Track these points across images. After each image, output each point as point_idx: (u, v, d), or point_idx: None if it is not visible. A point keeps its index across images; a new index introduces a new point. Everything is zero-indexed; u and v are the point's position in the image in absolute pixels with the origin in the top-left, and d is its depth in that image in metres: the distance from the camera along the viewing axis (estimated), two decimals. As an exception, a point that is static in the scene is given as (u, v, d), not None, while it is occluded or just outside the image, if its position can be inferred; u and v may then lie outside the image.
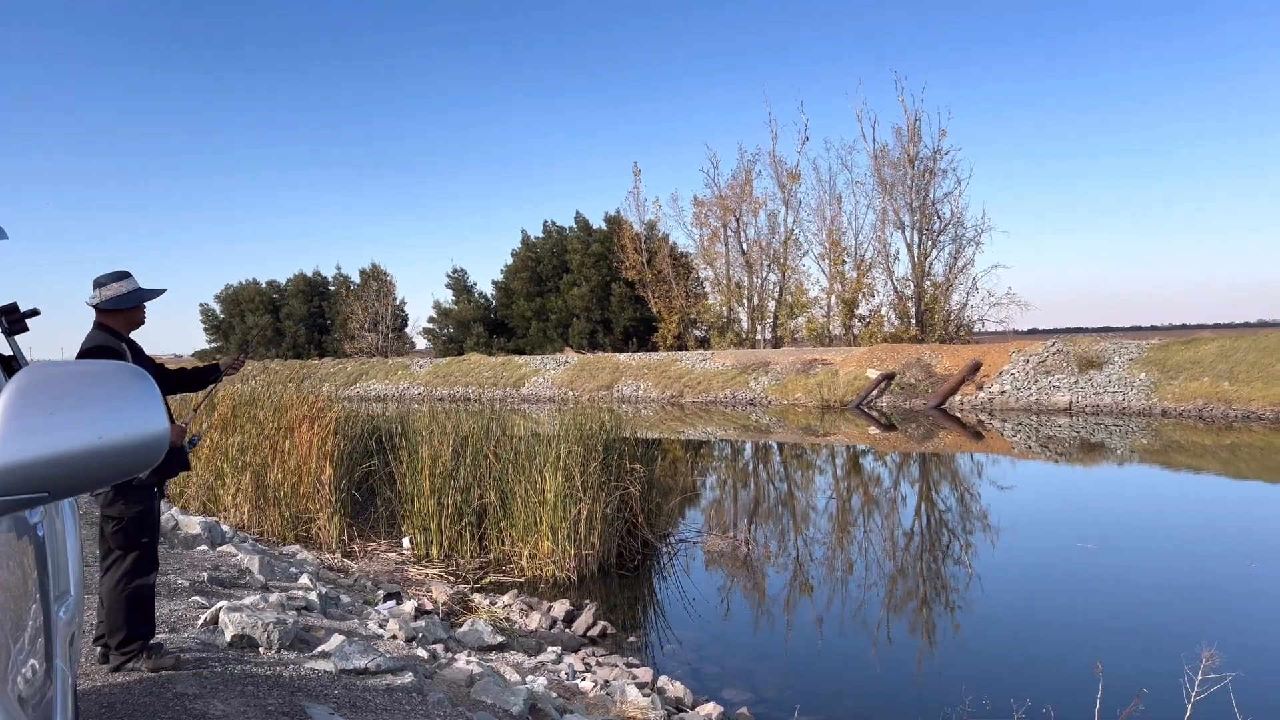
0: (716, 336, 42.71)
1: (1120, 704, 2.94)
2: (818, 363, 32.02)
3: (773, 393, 31.31)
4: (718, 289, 44.09)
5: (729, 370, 33.73)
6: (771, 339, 41.97)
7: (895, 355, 30.77)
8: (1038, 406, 25.68)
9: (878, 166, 39.27)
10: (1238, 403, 22.29)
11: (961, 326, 38.21)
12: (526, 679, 5.00)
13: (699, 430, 24.41)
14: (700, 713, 5.07)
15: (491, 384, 38.60)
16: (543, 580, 8.25)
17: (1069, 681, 5.37)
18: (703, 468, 17.39)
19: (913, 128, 38.23)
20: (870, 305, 40.00)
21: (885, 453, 19.25)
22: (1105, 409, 24.43)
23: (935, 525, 11.51)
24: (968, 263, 38.57)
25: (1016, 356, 27.94)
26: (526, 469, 8.50)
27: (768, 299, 42.67)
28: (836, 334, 40.22)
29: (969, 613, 7.47)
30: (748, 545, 9.77)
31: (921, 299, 38.12)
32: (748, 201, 42.41)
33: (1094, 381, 25.55)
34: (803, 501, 13.62)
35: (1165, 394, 23.82)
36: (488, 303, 52.11)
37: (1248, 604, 7.48)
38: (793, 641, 6.77)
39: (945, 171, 38.38)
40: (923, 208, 38.29)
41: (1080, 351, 26.77)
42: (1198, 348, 25.09)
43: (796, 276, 42.33)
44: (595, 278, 45.80)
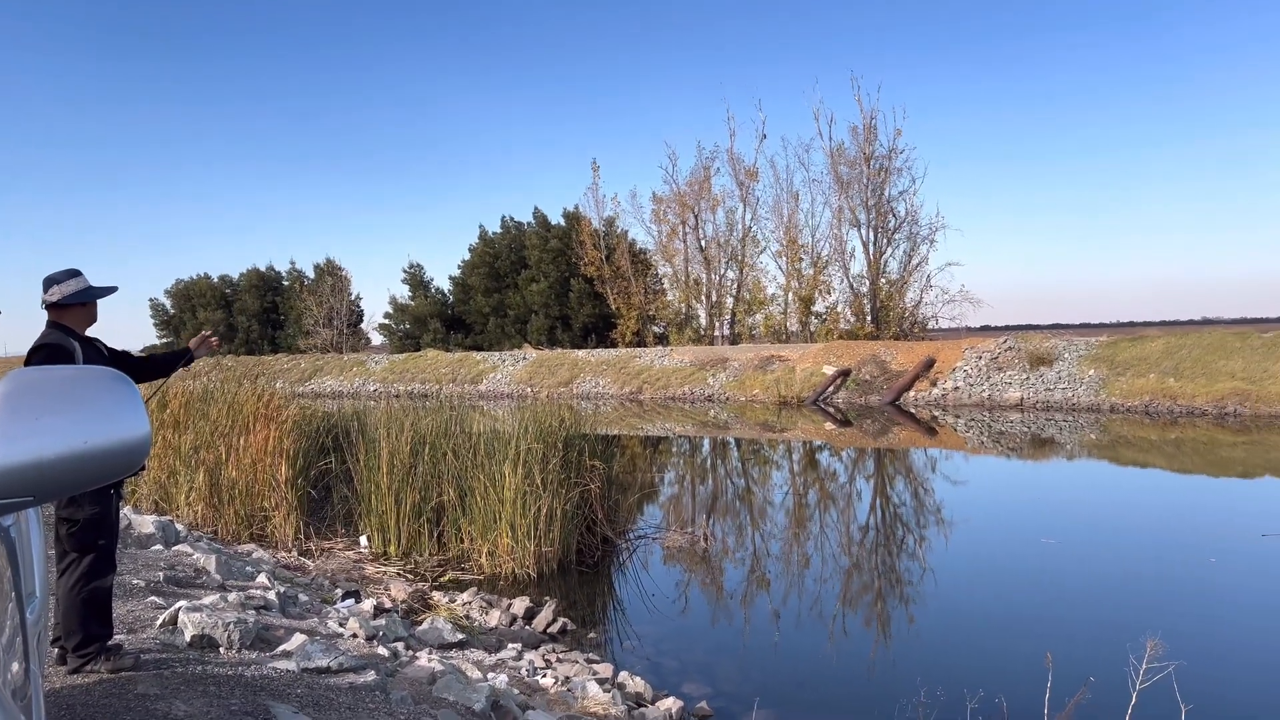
0: (675, 333, 42.87)
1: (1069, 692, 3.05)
2: (775, 359, 32.28)
3: (731, 389, 31.50)
4: (676, 286, 44.22)
5: (688, 367, 33.88)
6: (730, 336, 42.21)
7: (851, 352, 31.11)
8: (990, 402, 26.13)
9: (834, 165, 39.65)
10: (1182, 399, 22.88)
11: (916, 323, 38.73)
12: (488, 676, 5.03)
13: (658, 426, 24.50)
14: (660, 707, 5.13)
15: (449, 380, 38.37)
16: (502, 577, 8.26)
17: (1020, 672, 5.52)
18: (662, 464, 17.48)
19: (869, 126, 38.66)
20: (827, 302, 40.39)
21: (841, 448, 19.49)
22: (1056, 405, 24.93)
23: (890, 520, 11.70)
24: (922, 260, 39.13)
25: (969, 353, 28.40)
26: (486, 466, 8.50)
27: (726, 296, 42.91)
28: (794, 331, 40.54)
29: (923, 605, 7.63)
30: (706, 541, 9.86)
31: (877, 296, 38.56)
32: (706, 199, 42.61)
33: (1045, 378, 26.05)
34: (760, 497, 13.75)
35: (1113, 390, 24.37)
36: (445, 299, 51.76)
37: (1194, 596, 7.71)
38: (751, 635, 6.86)
39: (900, 170, 38.90)
40: (878, 206, 38.73)
41: (1031, 348, 27.28)
42: (1144, 345, 25.69)
43: (754, 273, 42.63)
44: (554, 274, 45.70)
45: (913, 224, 38.99)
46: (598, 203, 46.13)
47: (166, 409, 9.92)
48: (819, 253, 40.43)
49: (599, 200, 46.19)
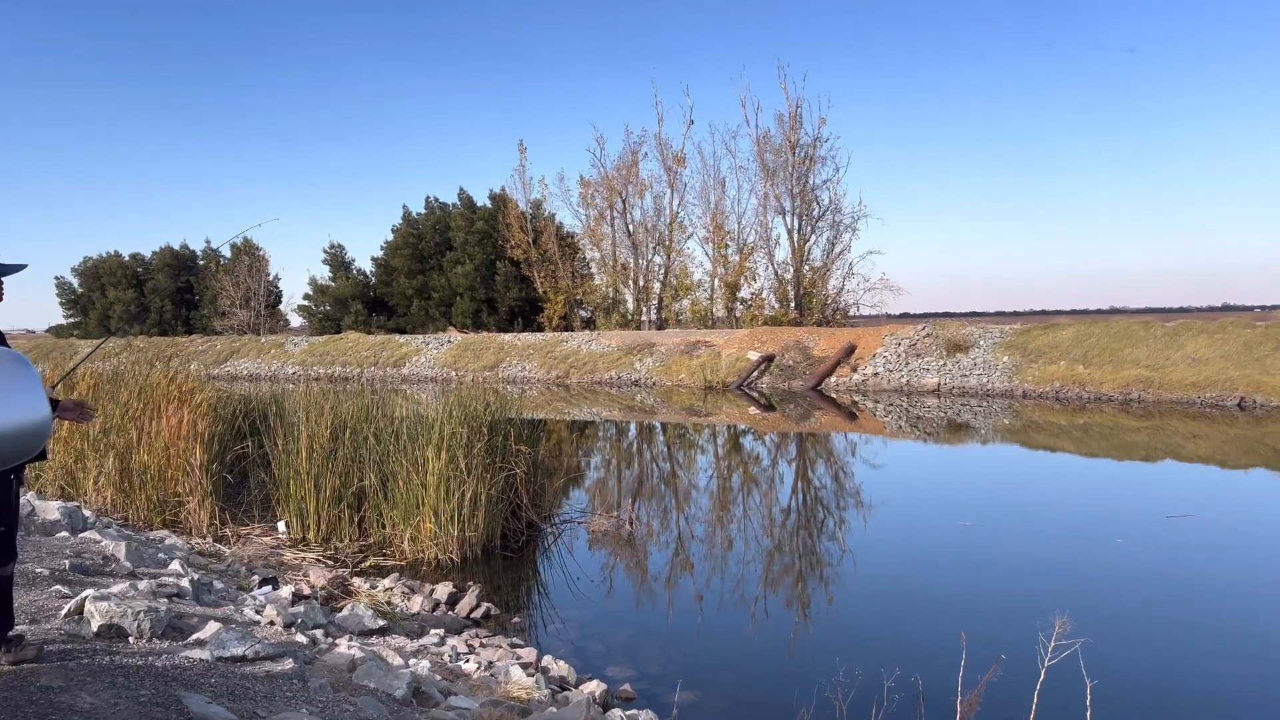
0: (602, 317, 42.82)
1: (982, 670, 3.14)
2: (701, 344, 32.50)
3: (657, 374, 31.63)
4: (604, 270, 44.14)
5: (615, 351, 33.89)
6: (657, 320, 42.33)
7: (775, 338, 31.50)
8: (908, 388, 26.74)
9: (760, 152, 39.99)
10: (1090, 385, 23.73)
11: (838, 310, 39.39)
12: (409, 662, 4.97)
13: (584, 411, 24.48)
14: (584, 690, 5.15)
15: (371, 364, 37.73)
16: (425, 563, 8.18)
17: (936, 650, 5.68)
18: (588, 448, 17.48)
19: (794, 115, 39.08)
20: (752, 289, 40.80)
21: (765, 433, 19.74)
22: (971, 390, 25.63)
23: (811, 503, 11.90)
24: (844, 248, 39.79)
25: (889, 340, 29.00)
26: (408, 451, 8.39)
27: (653, 281, 42.99)
28: (719, 316, 40.86)
29: (842, 586, 7.79)
30: (631, 524, 9.90)
31: (801, 283, 39.09)
32: (634, 183, 42.56)
33: (961, 364, 26.76)
34: (685, 481, 13.86)
35: (1026, 376, 25.15)
36: (367, 280, 50.77)
37: (1102, 575, 8.02)
38: (675, 618, 6.92)
39: (825, 159, 39.44)
40: (803, 194, 39.22)
41: (948, 336, 27.98)
42: (1056, 333, 26.56)
43: (681, 259, 42.80)
44: (480, 256, 45.18)
45: (836, 212, 39.66)
46: (525, 185, 45.76)
47: (74, 392, 9.54)
48: (745, 239, 40.84)
49: (526, 182, 45.82)
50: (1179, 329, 24.53)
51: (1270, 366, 21.56)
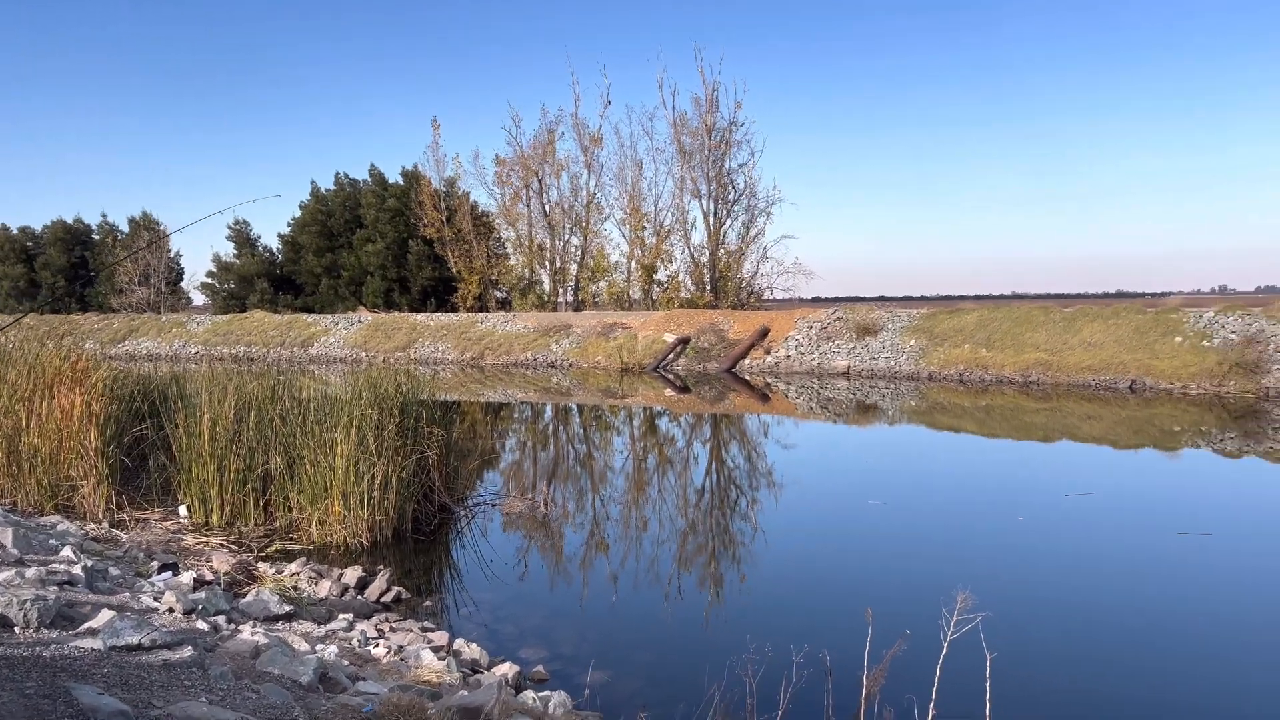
0: (518, 298, 42.47)
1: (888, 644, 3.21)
2: (618, 326, 32.52)
3: (574, 355, 31.55)
4: (520, 250, 43.73)
5: (530, 332, 33.67)
6: (573, 302, 42.18)
7: (691, 320, 31.72)
8: (819, 370, 27.25)
9: (677, 135, 40.07)
10: (993, 368, 24.53)
11: (752, 294, 39.85)
12: (316, 648, 4.87)
13: (499, 392, 24.29)
14: (496, 673, 5.11)
15: (278, 343, 36.73)
16: (334, 547, 8.01)
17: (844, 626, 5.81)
18: (503, 430, 17.35)
19: (710, 98, 39.23)
20: (668, 271, 40.95)
21: (680, 414, 19.88)
22: (879, 373, 26.25)
23: (725, 483, 12.04)
24: (759, 232, 40.21)
25: (801, 323, 29.47)
26: (316, 433, 8.19)
27: (570, 262, 42.79)
28: (636, 298, 40.93)
29: (754, 565, 7.90)
30: (546, 506, 9.87)
31: (716, 266, 39.40)
32: (550, 163, 42.21)
33: (870, 347, 27.36)
34: (601, 462, 13.87)
35: (932, 360, 25.86)
36: (273, 257, 49.31)
37: (1004, 551, 8.32)
38: (589, 599, 6.93)
39: (740, 143, 39.73)
40: (719, 177, 39.47)
41: (858, 319, 28.58)
42: (960, 317, 27.35)
43: (598, 240, 42.69)
44: (391, 234, 44.27)
45: (751, 196, 40.02)
46: (438, 162, 44.98)
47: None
48: (662, 222, 40.94)
49: (439, 160, 45.05)
50: (1076, 315, 25.52)
51: (1159, 351, 22.61)
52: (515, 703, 4.21)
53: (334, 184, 47.90)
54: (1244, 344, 21.32)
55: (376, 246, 44.12)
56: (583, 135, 41.91)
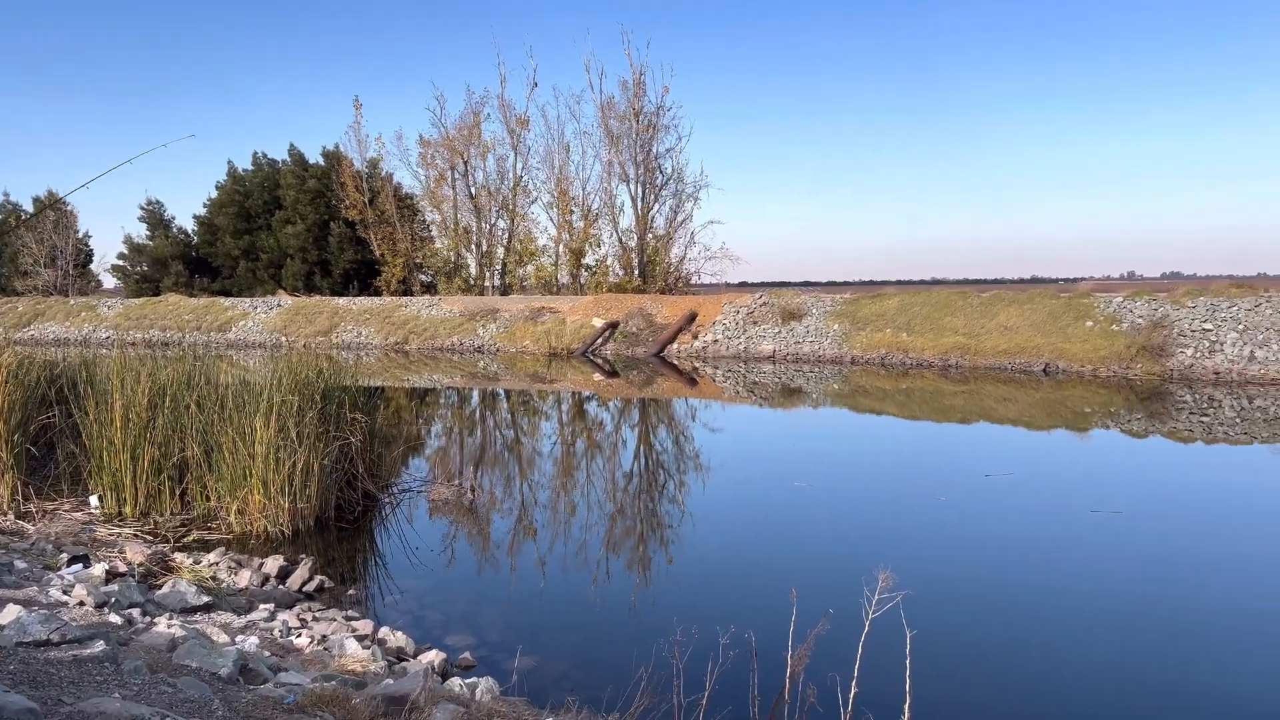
0: (444, 282, 41.90)
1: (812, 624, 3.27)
2: (546, 311, 32.36)
3: (501, 340, 31.31)
4: (445, 233, 43.11)
5: (457, 317, 33.29)
6: (500, 286, 41.81)
7: (619, 305, 31.72)
8: (746, 354, 27.53)
9: (604, 118, 39.89)
10: (913, 351, 25.09)
11: (680, 278, 39.99)
12: (236, 639, 4.76)
13: (425, 378, 23.98)
14: (422, 661, 5.07)
15: (193, 328, 35.67)
16: (254, 536, 7.84)
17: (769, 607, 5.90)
18: (429, 416, 17.15)
19: (638, 82, 39.12)
20: (597, 255, 40.82)
21: (609, 398, 19.90)
22: (804, 357, 26.63)
23: (653, 467, 12.10)
24: (687, 217, 40.32)
25: (728, 308, 29.71)
26: (235, 420, 7.98)
27: (496, 245, 42.37)
28: (564, 283, 40.75)
29: (682, 548, 7.97)
30: (473, 492, 9.80)
31: (644, 251, 39.43)
32: (476, 145, 41.65)
33: (795, 332, 27.73)
34: (529, 448, 13.82)
35: (854, 344, 26.33)
36: (189, 239, 47.72)
37: (926, 531, 8.53)
38: (516, 584, 6.90)
39: (668, 127, 39.73)
40: (646, 162, 39.44)
41: (783, 304, 28.93)
42: (882, 302, 27.89)
43: (525, 224, 42.30)
44: (312, 216, 43.21)
45: (679, 181, 40.08)
46: (360, 143, 43.99)
47: None
48: (590, 205, 40.75)
49: (362, 140, 44.05)
50: (992, 299, 26.22)
51: (1072, 335, 23.38)
52: (442, 690, 4.18)
53: (252, 164, 46.55)
54: (1150, 328, 22.18)
55: (297, 228, 43.03)
56: (509, 117, 41.50)
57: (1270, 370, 20.04)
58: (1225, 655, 5.50)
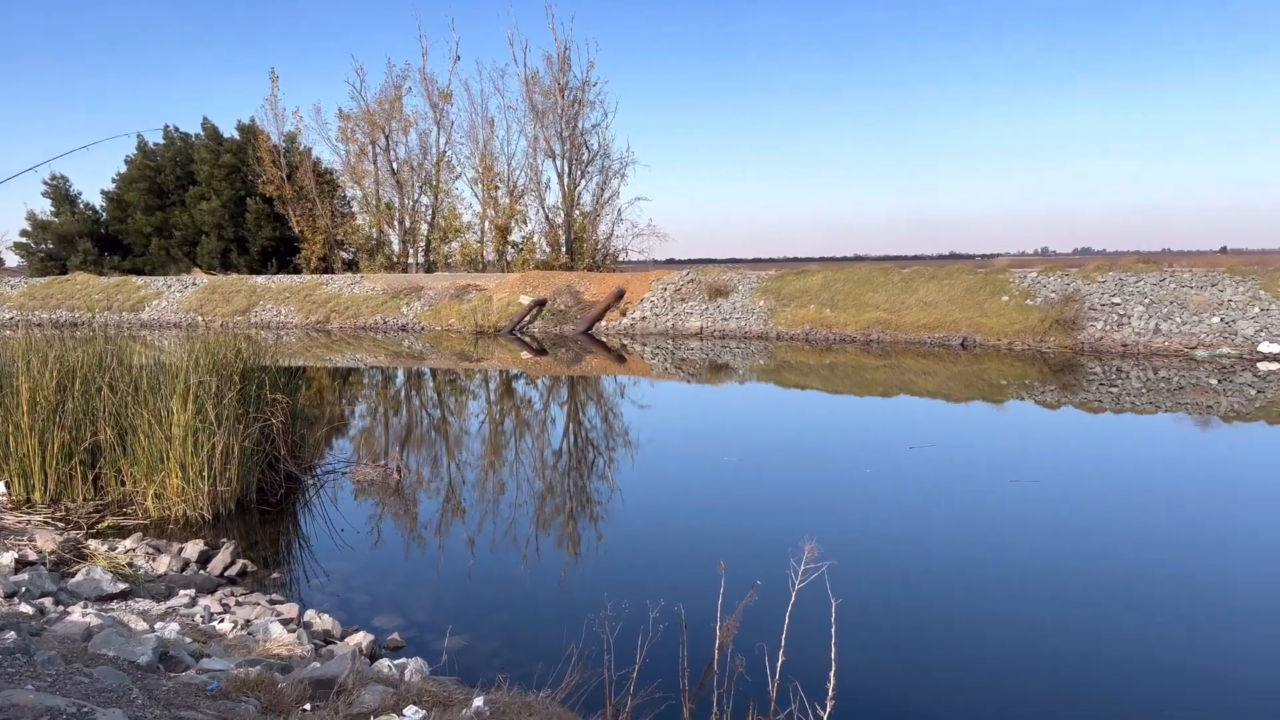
0: (366, 259, 41.09)
1: (740, 596, 3.32)
2: (471, 288, 32.01)
3: (426, 318, 30.90)
4: (367, 209, 42.24)
5: (380, 295, 32.73)
6: (424, 263, 41.19)
7: (547, 282, 31.55)
8: (674, 331, 27.67)
9: (529, 93, 39.47)
10: (836, 327, 25.52)
11: (608, 255, 39.93)
12: (156, 626, 4.64)
13: (348, 357, 23.56)
14: (350, 643, 5.02)
15: (104, 308, 34.40)
16: (173, 521, 7.63)
17: (698, 580, 5.97)
18: (352, 396, 16.86)
19: (563, 56, 38.76)
20: (523, 232, 40.48)
21: (537, 376, 19.82)
22: (731, 333, 26.88)
23: (582, 444, 12.11)
24: (614, 194, 40.21)
25: (656, 285, 29.79)
26: (150, 402, 7.74)
27: (420, 222, 41.69)
28: (490, 260, 40.32)
29: (611, 524, 8.00)
30: (399, 473, 9.68)
31: (571, 228, 39.23)
32: (397, 119, 40.85)
33: (721, 308, 27.95)
34: (456, 427, 13.70)
35: (780, 320, 26.65)
36: (97, 216, 45.87)
37: (852, 502, 8.71)
38: (445, 564, 6.87)
39: (593, 103, 39.49)
40: (572, 137, 39.17)
41: (710, 281, 29.11)
42: (806, 279, 28.26)
43: (449, 200, 41.70)
44: (227, 192, 41.91)
45: (605, 158, 39.91)
46: (277, 116, 42.75)
47: None
48: (515, 182, 40.34)
49: (279, 114, 42.81)
50: (912, 275, 26.78)
51: (988, 310, 24.02)
52: (370, 672, 4.14)
53: (163, 138, 44.86)
54: (1063, 303, 22.91)
55: (212, 205, 41.69)
56: (431, 91, 40.79)
57: (1174, 342, 20.91)
58: (1139, 615, 5.76)
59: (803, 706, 2.91)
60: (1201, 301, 21.54)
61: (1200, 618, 5.72)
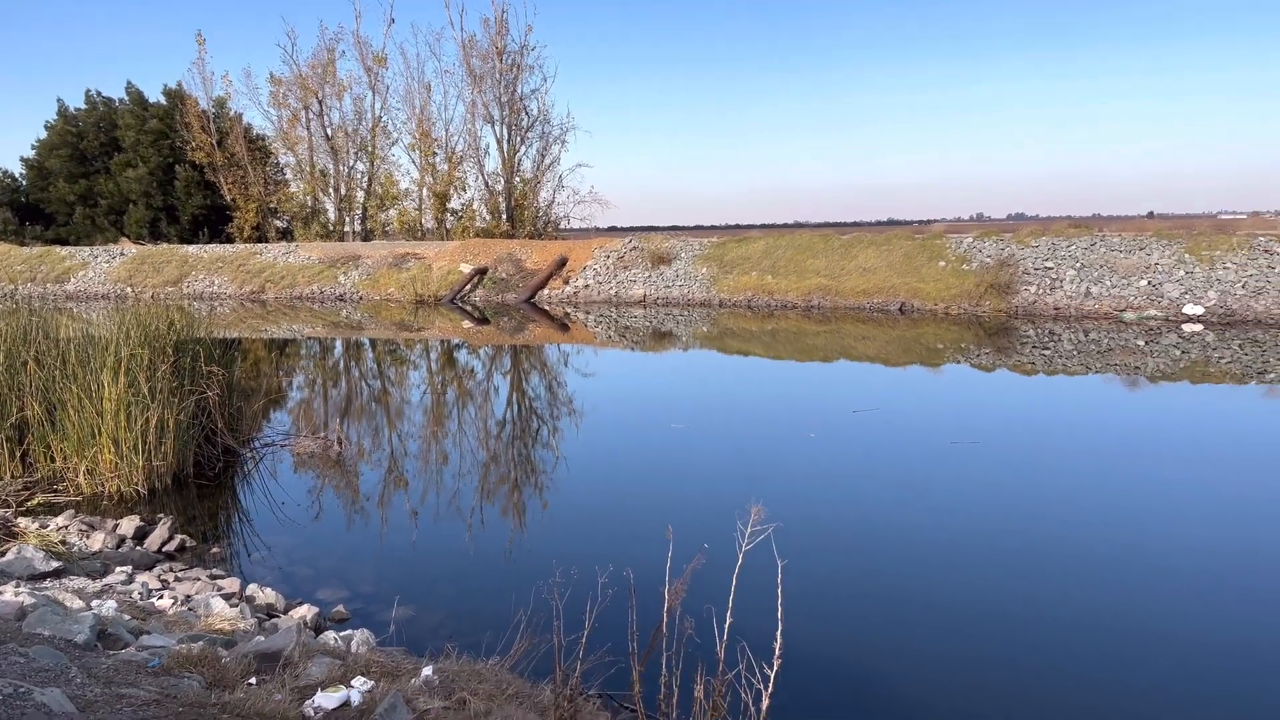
0: (301, 228, 40.20)
1: (688, 560, 3.35)
2: (410, 257, 31.54)
3: (364, 288, 30.41)
4: (301, 176, 41.27)
5: (316, 264, 32.09)
6: (361, 232, 40.45)
7: (487, 250, 31.22)
8: (617, 299, 27.63)
9: (466, 57, 38.81)
10: (778, 293, 25.72)
11: (549, 223, 39.62)
12: (92, 604, 4.55)
13: (284, 328, 23.11)
14: (294, 616, 4.97)
15: (27, 279, 33.24)
16: (107, 497, 7.46)
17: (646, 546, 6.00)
18: (290, 368, 16.56)
19: (500, 20, 38.14)
20: (463, 199, 39.95)
21: (479, 346, 19.67)
22: (674, 301, 26.93)
23: (526, 413, 12.07)
24: (554, 160, 39.85)
25: (598, 253, 29.67)
26: (80, 376, 7.52)
27: (356, 189, 40.87)
28: (429, 228, 39.75)
29: (557, 493, 8.02)
30: (340, 444, 9.57)
31: (512, 195, 38.82)
32: (331, 83, 39.86)
33: (664, 276, 27.97)
34: (397, 397, 13.55)
35: (722, 287, 26.77)
36: (17, 184, 44.14)
37: (796, 465, 8.82)
38: (388, 536, 6.82)
39: (532, 68, 39.06)
40: (511, 103, 38.65)
41: (653, 249, 29.08)
42: (748, 246, 28.39)
43: (386, 166, 40.93)
44: (155, 159, 40.56)
45: (545, 123, 39.50)
46: (205, 81, 41.61)
47: None
48: (453, 148, 39.74)
49: (207, 78, 41.63)
50: (852, 242, 27.06)
51: (926, 275, 24.41)
52: (316, 644, 4.11)
53: (85, 103, 43.20)
54: (998, 267, 23.37)
55: (139, 172, 40.35)
56: (365, 55, 39.86)
57: (1104, 304, 21.49)
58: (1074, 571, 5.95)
59: (750, 666, 2.95)
60: (1130, 265, 22.14)
61: (1130, 569, 5.93)
